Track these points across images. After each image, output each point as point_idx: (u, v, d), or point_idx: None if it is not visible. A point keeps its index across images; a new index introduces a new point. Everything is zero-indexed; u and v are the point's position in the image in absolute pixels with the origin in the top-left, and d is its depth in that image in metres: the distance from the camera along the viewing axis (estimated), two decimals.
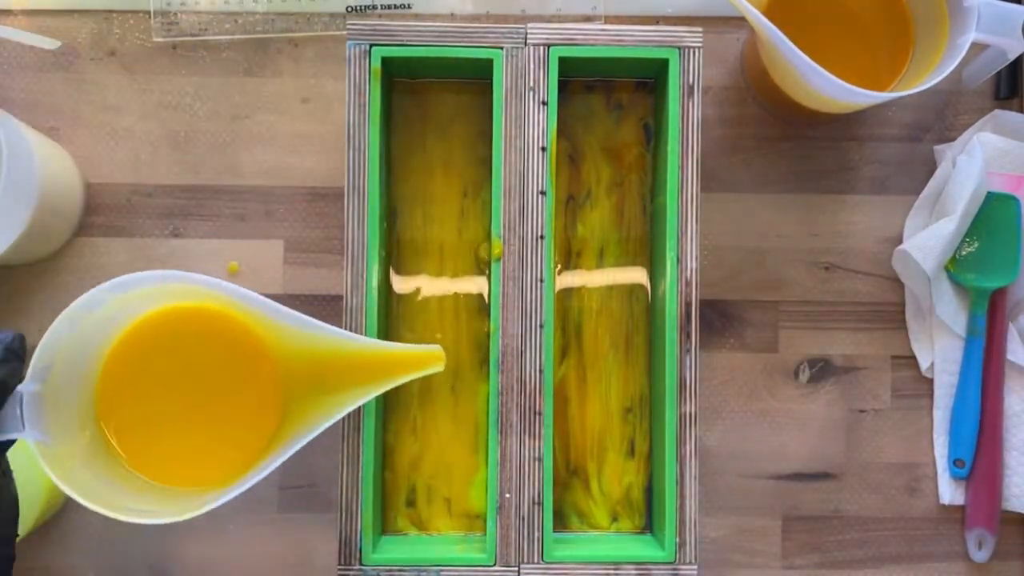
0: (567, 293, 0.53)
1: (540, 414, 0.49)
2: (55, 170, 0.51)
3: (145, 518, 0.41)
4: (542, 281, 0.49)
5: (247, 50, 0.54)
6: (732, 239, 0.55)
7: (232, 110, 0.54)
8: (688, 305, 0.49)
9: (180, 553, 0.53)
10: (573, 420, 0.53)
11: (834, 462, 0.55)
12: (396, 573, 0.48)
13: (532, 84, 0.49)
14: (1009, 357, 0.54)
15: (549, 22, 0.53)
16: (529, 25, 0.49)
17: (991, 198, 0.53)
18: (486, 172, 0.51)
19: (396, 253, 0.53)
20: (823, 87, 0.46)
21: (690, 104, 0.49)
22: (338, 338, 0.45)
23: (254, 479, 0.42)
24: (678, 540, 0.49)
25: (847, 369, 0.55)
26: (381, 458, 0.52)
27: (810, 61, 0.43)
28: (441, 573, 0.48)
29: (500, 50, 0.49)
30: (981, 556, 0.54)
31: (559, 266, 0.53)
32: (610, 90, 0.53)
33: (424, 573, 0.48)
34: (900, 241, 0.55)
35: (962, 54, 0.45)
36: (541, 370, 0.49)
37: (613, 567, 0.49)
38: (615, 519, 0.53)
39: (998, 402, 0.54)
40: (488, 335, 0.50)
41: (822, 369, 0.55)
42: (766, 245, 0.55)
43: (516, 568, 0.48)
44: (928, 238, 0.52)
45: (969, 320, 0.54)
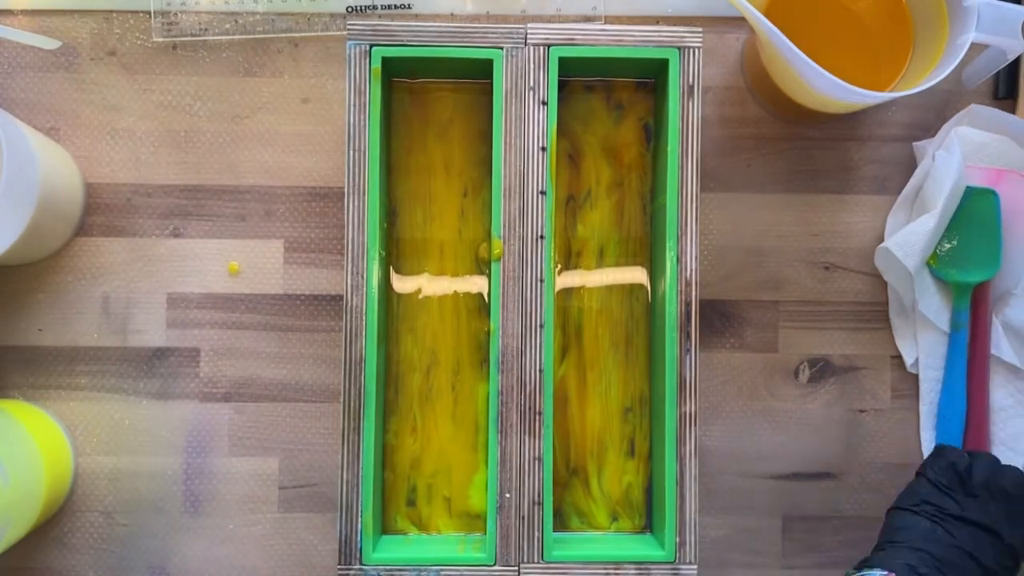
0: (567, 293, 0.53)
1: (540, 414, 0.49)
2: (55, 171, 0.51)
3: None
4: (542, 281, 0.49)
5: (247, 50, 0.54)
6: (732, 239, 0.55)
7: (232, 110, 0.54)
8: (688, 305, 0.49)
9: (180, 553, 0.53)
10: (573, 420, 0.53)
11: (834, 462, 0.55)
12: (396, 573, 0.48)
13: (532, 84, 0.49)
14: (993, 351, 0.54)
15: (549, 22, 0.53)
16: (529, 25, 0.49)
17: (970, 193, 0.53)
18: (486, 172, 0.51)
19: (396, 253, 0.53)
20: (823, 87, 0.46)
21: (690, 104, 0.49)
22: None
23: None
24: (678, 540, 0.49)
25: (847, 369, 0.55)
26: (381, 458, 0.52)
27: (810, 61, 0.43)
28: (441, 573, 0.48)
29: (500, 50, 0.49)
30: None
31: (559, 266, 0.53)
32: (610, 90, 0.53)
33: (424, 573, 0.48)
34: None
35: (962, 54, 0.45)
36: (541, 370, 0.49)
37: (613, 567, 0.49)
38: (615, 519, 0.53)
39: (984, 397, 0.54)
40: (488, 335, 0.50)
41: (822, 369, 0.55)
42: (766, 245, 0.55)
43: (516, 568, 0.48)
44: (909, 235, 0.52)
45: (952, 315, 0.54)
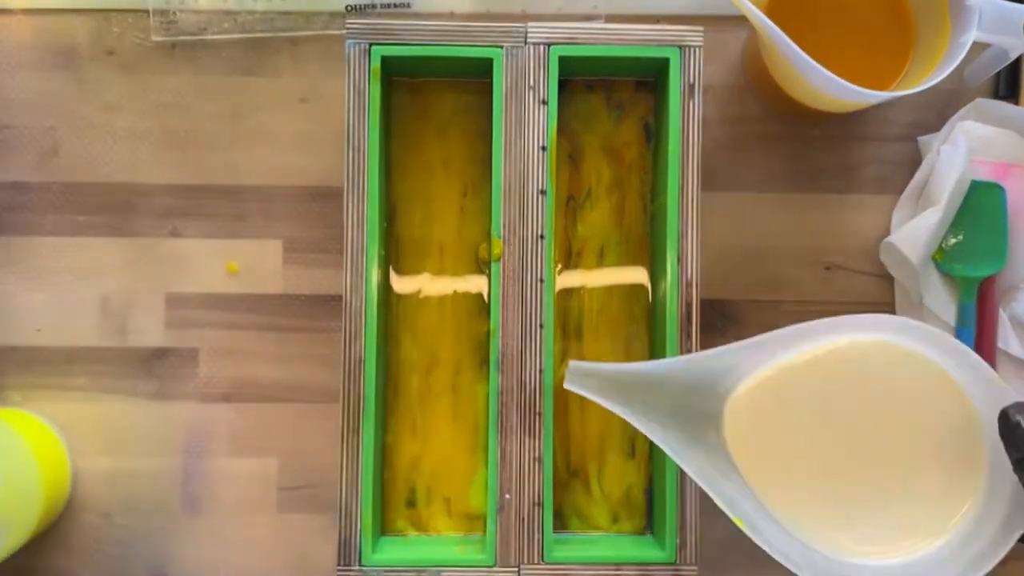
0: (567, 293, 0.53)
1: (540, 414, 0.49)
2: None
3: None
4: (542, 281, 0.49)
5: (246, 49, 0.54)
6: (732, 238, 0.55)
7: (232, 110, 0.54)
8: (689, 305, 0.49)
9: (180, 554, 0.53)
10: (573, 421, 0.53)
11: None
12: (396, 574, 0.48)
13: (532, 83, 0.49)
14: (1000, 345, 0.53)
15: (549, 21, 0.52)
16: (529, 24, 0.49)
17: (976, 187, 0.53)
18: (486, 172, 0.51)
19: (396, 253, 0.53)
20: (824, 86, 0.46)
21: (691, 103, 0.49)
22: None
23: None
24: (678, 541, 0.48)
25: None
26: (381, 458, 0.51)
27: (811, 60, 0.43)
28: (441, 574, 0.48)
29: (500, 49, 0.49)
30: None
31: (559, 266, 0.53)
32: (610, 89, 0.53)
33: (424, 574, 0.48)
34: None
35: (963, 53, 0.45)
36: (541, 370, 0.49)
37: (614, 568, 0.48)
38: (615, 520, 0.53)
39: None
40: (488, 335, 0.50)
41: None
42: (766, 244, 0.55)
43: (516, 569, 0.48)
44: (914, 229, 0.52)
45: (958, 310, 0.54)
